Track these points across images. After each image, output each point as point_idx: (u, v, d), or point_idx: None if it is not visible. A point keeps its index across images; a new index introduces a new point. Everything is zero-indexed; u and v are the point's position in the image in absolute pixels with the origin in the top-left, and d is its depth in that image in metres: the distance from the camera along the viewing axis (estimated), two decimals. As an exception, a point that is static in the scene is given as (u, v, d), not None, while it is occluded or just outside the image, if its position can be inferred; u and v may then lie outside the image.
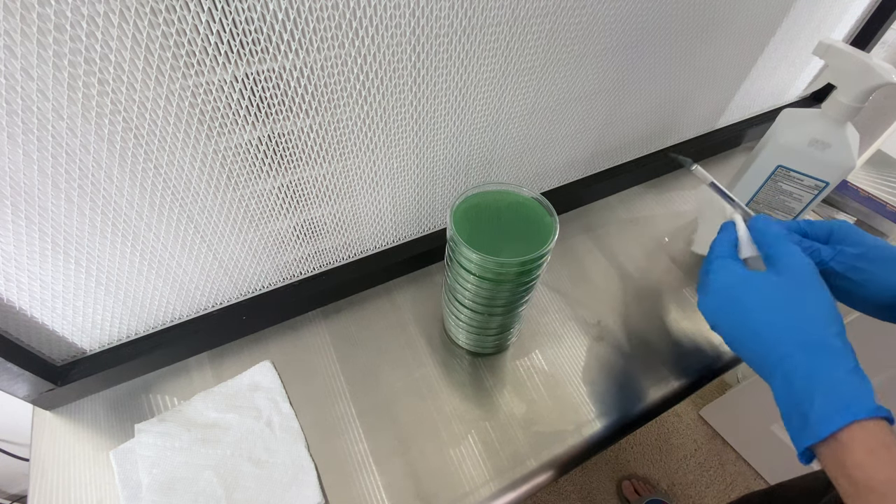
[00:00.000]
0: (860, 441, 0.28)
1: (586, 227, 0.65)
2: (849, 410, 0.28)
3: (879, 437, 0.27)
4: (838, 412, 0.28)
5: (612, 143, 0.62)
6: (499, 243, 0.39)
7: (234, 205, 0.41)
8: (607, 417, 0.48)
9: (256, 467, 0.43)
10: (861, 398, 0.29)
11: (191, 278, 0.45)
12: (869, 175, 0.71)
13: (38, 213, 0.34)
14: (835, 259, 0.37)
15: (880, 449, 0.27)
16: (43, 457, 0.44)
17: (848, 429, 0.28)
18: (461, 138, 0.47)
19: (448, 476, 0.44)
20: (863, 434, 0.28)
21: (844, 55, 0.45)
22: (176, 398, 0.47)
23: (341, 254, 0.53)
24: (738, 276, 0.36)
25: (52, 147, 0.31)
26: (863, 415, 0.28)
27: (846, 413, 0.28)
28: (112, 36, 0.28)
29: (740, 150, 0.78)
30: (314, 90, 0.36)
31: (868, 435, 0.28)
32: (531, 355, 0.52)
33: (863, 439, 0.28)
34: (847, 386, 0.29)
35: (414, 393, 0.49)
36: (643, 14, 0.46)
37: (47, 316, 0.40)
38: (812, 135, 0.49)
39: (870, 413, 0.28)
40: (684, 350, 0.53)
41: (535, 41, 0.42)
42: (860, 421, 0.28)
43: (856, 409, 0.28)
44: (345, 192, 0.46)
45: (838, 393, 0.29)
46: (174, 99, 0.32)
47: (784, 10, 0.58)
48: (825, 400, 0.29)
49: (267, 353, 0.51)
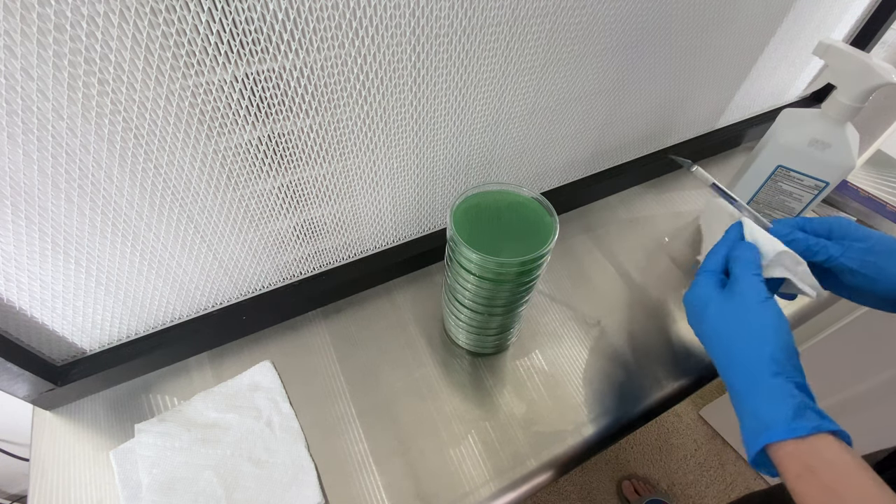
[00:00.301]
0: (786, 466, 0.29)
1: (586, 227, 0.65)
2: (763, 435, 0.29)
3: (802, 459, 0.28)
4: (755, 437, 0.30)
5: (612, 143, 0.62)
6: (499, 243, 0.39)
7: (234, 205, 0.41)
8: (607, 417, 0.48)
9: (256, 467, 0.43)
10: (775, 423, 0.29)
11: (191, 278, 0.45)
12: (869, 175, 0.71)
13: (38, 213, 0.34)
14: (845, 255, 0.37)
15: (805, 473, 0.28)
16: (43, 457, 0.44)
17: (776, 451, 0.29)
18: (461, 138, 0.47)
19: (448, 476, 0.44)
20: (788, 459, 0.28)
21: (844, 55, 0.45)
22: (176, 398, 0.47)
23: (341, 254, 0.53)
24: (703, 297, 0.38)
25: (52, 147, 0.31)
26: (775, 438, 0.29)
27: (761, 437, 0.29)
28: (112, 36, 0.28)
29: (740, 150, 0.78)
30: (314, 90, 0.36)
31: (791, 459, 0.28)
32: (531, 355, 0.52)
33: (787, 464, 0.28)
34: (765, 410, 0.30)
35: (414, 393, 0.49)
36: (643, 14, 0.46)
37: (47, 316, 0.40)
38: (812, 135, 0.49)
39: (782, 436, 0.28)
40: (684, 350, 0.53)
41: (535, 41, 0.42)
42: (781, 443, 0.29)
43: (770, 433, 0.29)
44: (345, 192, 0.46)
45: (760, 415, 0.30)
46: (174, 99, 0.32)
47: (784, 10, 0.58)
48: (748, 422, 0.31)
49: (267, 353, 0.51)
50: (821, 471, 0.27)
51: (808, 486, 0.27)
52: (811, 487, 0.27)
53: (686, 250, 0.63)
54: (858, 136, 0.50)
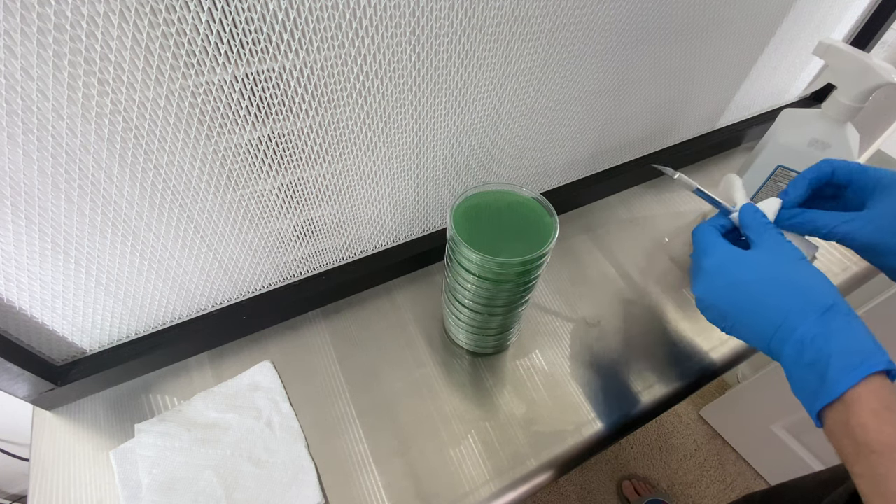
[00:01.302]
0: (865, 402, 0.28)
1: (586, 227, 0.65)
2: (865, 364, 0.28)
3: (885, 398, 0.28)
4: (855, 367, 0.29)
5: (612, 143, 0.62)
6: (499, 243, 0.39)
7: (234, 205, 0.41)
8: (607, 417, 0.48)
9: (256, 467, 0.43)
10: (876, 353, 0.29)
11: (191, 278, 0.45)
12: (869, 175, 0.71)
13: (38, 213, 0.34)
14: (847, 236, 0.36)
15: (884, 411, 0.27)
16: (43, 457, 0.44)
17: (855, 390, 0.28)
18: (461, 138, 0.47)
19: (448, 476, 0.44)
20: (869, 396, 0.28)
21: (844, 55, 0.45)
22: (176, 398, 0.47)
23: (341, 254, 0.53)
24: (732, 254, 0.36)
25: (52, 147, 0.31)
26: (879, 367, 0.28)
27: (862, 367, 0.28)
28: (112, 36, 0.28)
29: (740, 150, 0.78)
30: (314, 90, 0.36)
31: (874, 396, 0.28)
32: (531, 355, 0.52)
33: (868, 401, 0.28)
34: (861, 342, 0.30)
35: (414, 393, 0.49)
36: (643, 14, 0.46)
37: (47, 316, 0.40)
38: (812, 135, 0.49)
39: (886, 365, 0.28)
40: (684, 350, 0.53)
41: (535, 41, 0.42)
42: (868, 381, 0.28)
43: (870, 364, 0.28)
44: (345, 192, 0.46)
45: (854, 349, 0.29)
46: (174, 99, 0.32)
47: (784, 10, 0.58)
48: (841, 358, 0.29)
49: (267, 353, 0.51)
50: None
51: (885, 423, 0.27)
52: (888, 425, 0.27)
53: (686, 250, 0.63)
54: (858, 136, 0.50)
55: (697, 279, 0.37)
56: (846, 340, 0.30)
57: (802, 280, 0.33)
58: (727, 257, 0.36)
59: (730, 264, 0.36)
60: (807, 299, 0.32)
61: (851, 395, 0.28)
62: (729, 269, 0.35)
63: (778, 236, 0.36)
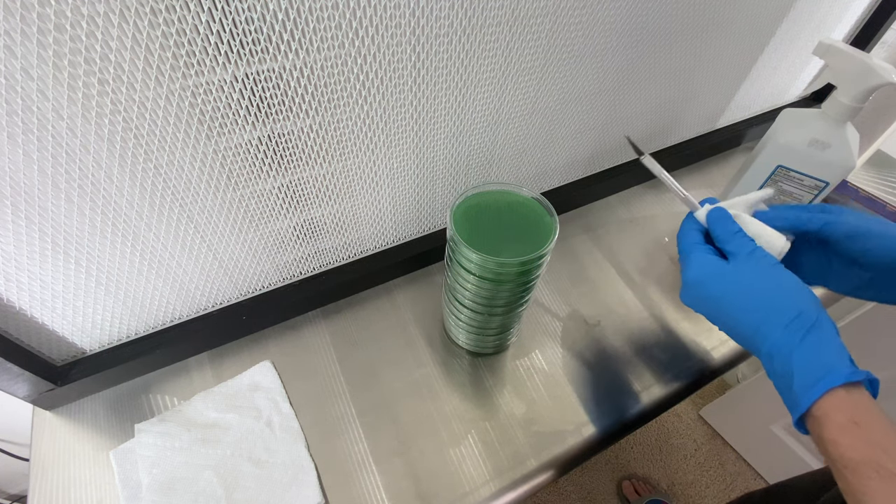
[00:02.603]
0: (832, 417, 0.28)
1: (586, 227, 0.65)
2: (826, 379, 0.29)
3: (849, 411, 0.28)
4: (815, 383, 0.29)
5: (612, 143, 0.62)
6: (499, 243, 0.39)
7: (234, 205, 0.41)
8: (607, 417, 0.48)
9: (256, 467, 0.43)
10: (838, 365, 0.29)
11: (191, 278, 0.45)
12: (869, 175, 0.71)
13: (38, 213, 0.34)
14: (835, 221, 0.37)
15: (849, 426, 0.27)
16: (43, 457, 0.44)
17: (821, 405, 0.29)
18: (461, 138, 0.47)
19: (448, 476, 0.44)
20: (834, 410, 0.28)
21: (844, 55, 0.45)
22: (176, 398, 0.47)
23: (341, 254, 0.53)
24: (707, 266, 0.36)
25: (52, 147, 0.31)
26: (838, 382, 0.28)
27: (822, 383, 0.29)
28: (112, 36, 0.28)
29: (740, 150, 0.78)
30: (314, 90, 0.36)
31: (838, 411, 0.28)
32: (531, 355, 0.52)
33: (834, 416, 0.28)
34: (824, 355, 0.30)
35: (414, 393, 0.49)
36: (643, 14, 0.46)
37: (47, 316, 0.40)
38: (812, 135, 0.49)
39: (844, 379, 0.28)
40: (684, 350, 0.53)
41: (535, 41, 0.42)
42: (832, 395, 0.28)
43: (830, 379, 0.28)
44: (345, 192, 0.46)
45: (816, 363, 0.30)
46: (174, 99, 0.32)
47: (784, 10, 0.58)
48: (803, 373, 0.30)
49: (267, 353, 0.51)
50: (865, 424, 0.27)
51: (853, 438, 0.27)
52: (856, 440, 0.27)
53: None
54: (858, 136, 0.50)
55: (682, 289, 0.38)
56: (808, 353, 0.30)
57: (771, 291, 0.33)
58: (702, 271, 0.36)
59: (705, 278, 0.36)
60: (774, 309, 0.32)
61: (817, 409, 0.29)
62: (704, 283, 0.36)
63: (748, 244, 0.35)
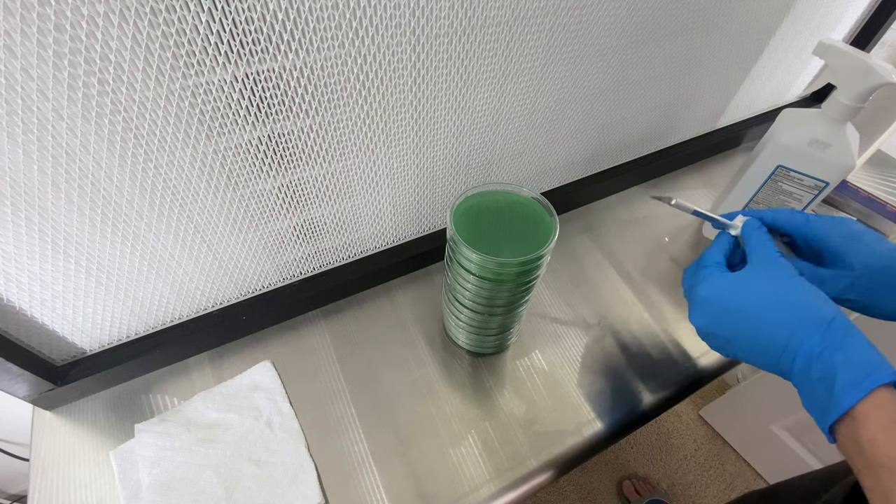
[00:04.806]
0: (874, 418, 0.28)
1: (586, 227, 0.65)
2: (872, 377, 0.28)
3: (893, 411, 0.28)
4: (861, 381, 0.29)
5: (612, 143, 0.62)
6: (499, 243, 0.39)
7: (234, 205, 0.41)
8: (607, 417, 0.48)
9: (256, 467, 0.43)
10: (881, 365, 0.29)
11: (191, 278, 0.45)
12: (869, 175, 0.71)
13: (38, 213, 0.34)
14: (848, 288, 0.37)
15: (892, 425, 0.27)
16: (43, 457, 0.44)
17: (863, 405, 0.28)
18: (461, 138, 0.47)
19: (448, 476, 0.44)
20: (876, 410, 0.28)
21: (844, 55, 0.45)
22: (176, 398, 0.47)
23: (341, 254, 0.53)
24: (726, 279, 0.36)
25: (52, 147, 0.31)
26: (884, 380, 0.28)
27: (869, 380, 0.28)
28: (112, 36, 0.28)
29: (740, 150, 0.78)
30: (314, 90, 0.36)
31: (881, 411, 0.28)
32: (531, 355, 0.52)
33: (877, 416, 0.28)
34: (866, 355, 0.30)
35: (414, 393, 0.49)
36: (643, 13, 0.46)
37: (47, 316, 0.40)
38: (812, 135, 0.49)
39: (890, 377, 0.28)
40: (684, 350, 0.53)
41: (535, 41, 0.42)
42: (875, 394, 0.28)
43: (876, 377, 0.28)
44: (345, 192, 0.46)
45: (859, 362, 0.29)
46: (174, 99, 0.32)
47: (784, 10, 0.58)
48: (847, 371, 0.29)
49: (267, 353, 0.51)
50: None
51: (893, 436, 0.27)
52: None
53: (686, 250, 0.63)
54: (858, 136, 0.50)
55: (694, 309, 0.38)
56: (851, 354, 0.30)
57: (802, 296, 0.33)
58: (721, 282, 0.36)
59: (725, 289, 0.36)
60: (809, 315, 0.32)
61: (859, 409, 0.28)
62: (725, 294, 0.35)
63: (774, 254, 0.36)
